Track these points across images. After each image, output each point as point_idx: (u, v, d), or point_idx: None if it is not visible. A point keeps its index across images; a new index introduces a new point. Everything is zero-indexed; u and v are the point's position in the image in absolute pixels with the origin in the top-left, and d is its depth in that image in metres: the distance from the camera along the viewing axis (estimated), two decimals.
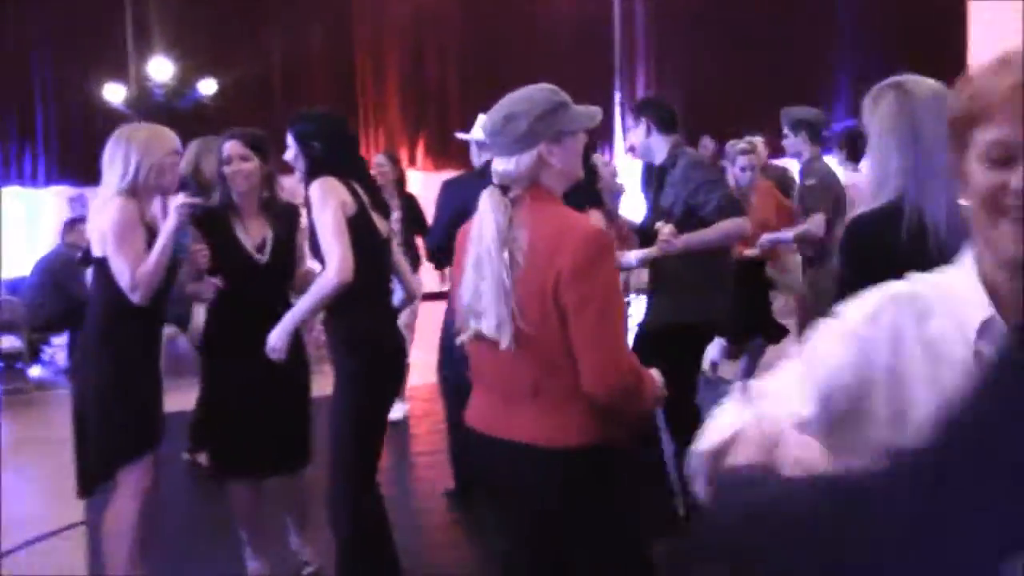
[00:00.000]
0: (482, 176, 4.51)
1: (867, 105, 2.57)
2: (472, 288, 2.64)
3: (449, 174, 6.57)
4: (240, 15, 12.41)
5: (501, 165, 2.63)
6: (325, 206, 3.64)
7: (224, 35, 12.27)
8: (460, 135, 4.91)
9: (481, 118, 4.64)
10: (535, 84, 2.65)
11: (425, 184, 11.85)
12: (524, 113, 2.57)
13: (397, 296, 4.46)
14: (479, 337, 2.65)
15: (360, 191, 3.80)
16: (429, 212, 4.73)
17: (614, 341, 2.52)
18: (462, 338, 2.73)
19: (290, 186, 4.32)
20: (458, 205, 4.40)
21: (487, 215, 2.61)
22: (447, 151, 13.21)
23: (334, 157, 3.79)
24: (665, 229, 4.31)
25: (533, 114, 2.57)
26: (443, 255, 4.58)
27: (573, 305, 2.48)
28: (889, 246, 2.34)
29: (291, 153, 3.83)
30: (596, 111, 2.72)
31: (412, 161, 13.56)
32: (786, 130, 5.89)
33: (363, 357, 3.80)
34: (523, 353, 2.56)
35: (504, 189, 2.63)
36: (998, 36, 11.06)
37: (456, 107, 13.24)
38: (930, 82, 2.55)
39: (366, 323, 3.81)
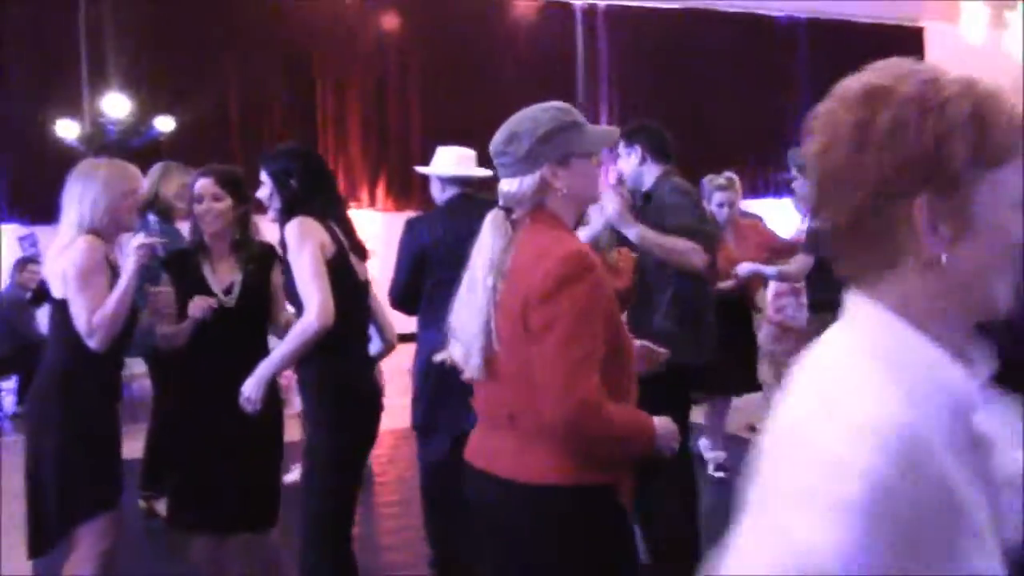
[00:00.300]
0: (450, 213, 4.36)
1: None
2: (458, 312, 2.51)
3: (411, 214, 6.35)
4: (199, 51, 12.23)
5: (505, 186, 2.50)
6: (303, 248, 3.47)
7: (182, 71, 12.08)
8: (420, 169, 4.69)
9: (440, 151, 4.48)
10: (548, 103, 2.52)
11: (386, 224, 11.67)
12: (527, 133, 2.44)
13: (375, 345, 4.27)
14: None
15: (338, 232, 3.63)
16: (392, 252, 4.45)
17: (572, 369, 2.29)
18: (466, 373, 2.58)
19: (261, 226, 4.12)
20: (424, 243, 4.24)
21: (485, 237, 2.48)
22: (409, 191, 13.08)
23: (312, 196, 3.62)
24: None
25: (536, 134, 2.43)
26: (408, 301, 4.40)
27: (536, 329, 2.33)
28: None
29: (265, 191, 3.66)
30: (612, 131, 2.60)
31: (372, 201, 13.40)
32: (794, 172, 5.70)
33: (336, 406, 3.62)
34: (499, 381, 2.44)
35: (509, 211, 2.49)
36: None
37: (418, 146, 13.10)
38: None
39: (341, 371, 3.63)
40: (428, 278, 4.22)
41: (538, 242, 2.42)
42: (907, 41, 13.90)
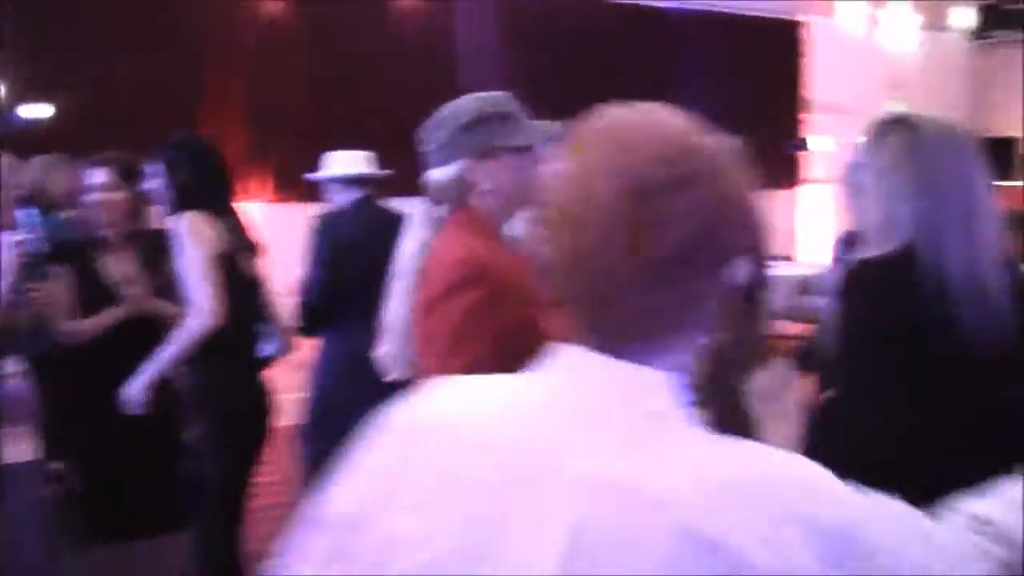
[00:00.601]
0: (360, 214, 4.27)
1: (865, 143, 2.34)
2: (386, 311, 2.45)
3: (294, 206, 6.21)
4: (79, 38, 11.79)
5: (430, 177, 2.36)
6: (191, 245, 3.38)
7: (62, 58, 11.63)
8: (309, 176, 4.60)
9: (336, 155, 4.41)
10: (488, 92, 2.38)
11: (272, 216, 11.43)
12: (449, 121, 2.30)
13: (271, 345, 4.16)
14: None
15: (228, 228, 3.54)
16: (279, 245, 4.31)
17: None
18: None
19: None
20: (340, 242, 4.12)
21: (409, 233, 2.39)
22: (295, 182, 12.82)
23: (203, 189, 3.52)
24: None
25: (457, 123, 2.29)
26: (321, 314, 4.16)
27: (420, 344, 2.23)
28: (902, 297, 2.11)
29: (156, 182, 3.54)
30: (549, 126, 2.37)
31: (257, 193, 13.13)
32: None
33: (221, 411, 3.53)
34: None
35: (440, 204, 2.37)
36: (836, 77, 11.47)
37: (305, 137, 12.85)
38: (937, 118, 2.34)
39: (226, 373, 3.54)
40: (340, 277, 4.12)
41: (442, 243, 2.30)
42: (786, 35, 14.22)
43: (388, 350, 2.48)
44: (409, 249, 2.39)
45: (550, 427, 1.01)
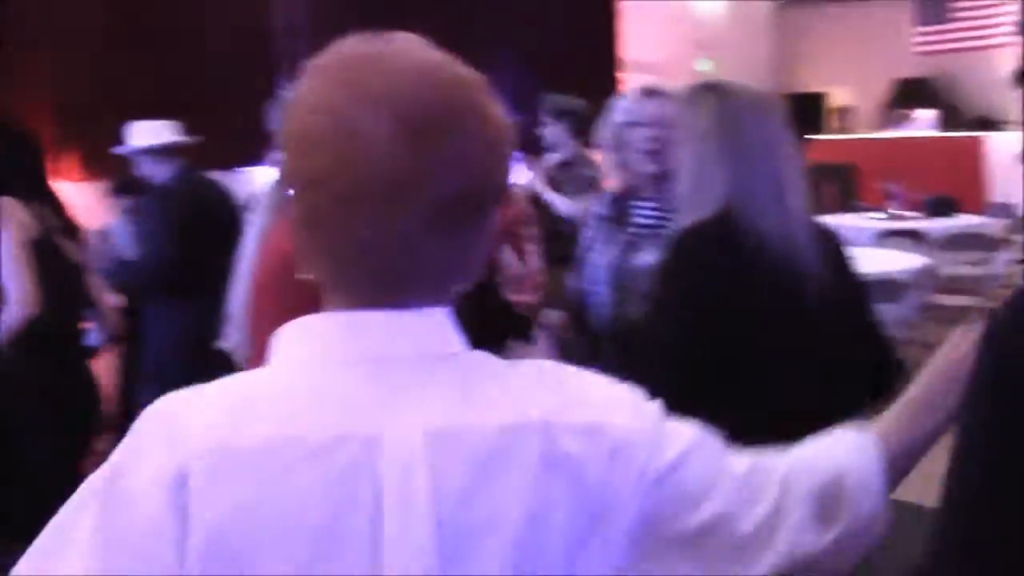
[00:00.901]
0: (193, 186, 4.14)
1: (677, 108, 2.36)
2: (231, 295, 2.37)
3: (108, 183, 5.92)
4: None
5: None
6: (3, 231, 3.19)
7: None
8: (117, 150, 4.42)
9: (137, 126, 4.25)
10: None
11: (82, 194, 10.97)
12: (275, 106, 2.32)
13: (96, 335, 3.97)
14: None
15: (47, 212, 3.36)
16: (91, 223, 4.12)
17: None
18: None
19: None
20: (184, 215, 3.99)
21: (253, 215, 2.33)
22: (104, 159, 12.31)
23: (14, 173, 3.33)
24: None
25: (278, 108, 2.31)
26: (158, 293, 4.06)
27: (251, 330, 2.19)
28: (722, 265, 2.12)
29: None
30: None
31: (66, 172, 12.55)
32: (547, 118, 5.61)
33: (45, 403, 3.36)
34: None
35: None
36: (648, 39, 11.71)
37: (114, 112, 12.32)
38: (748, 85, 2.36)
39: (49, 363, 3.37)
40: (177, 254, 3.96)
41: (277, 229, 2.20)
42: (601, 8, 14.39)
43: (233, 335, 2.40)
44: (249, 234, 2.31)
45: (364, 401, 0.94)
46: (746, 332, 2.07)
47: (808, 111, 13.41)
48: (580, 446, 0.97)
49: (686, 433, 1.05)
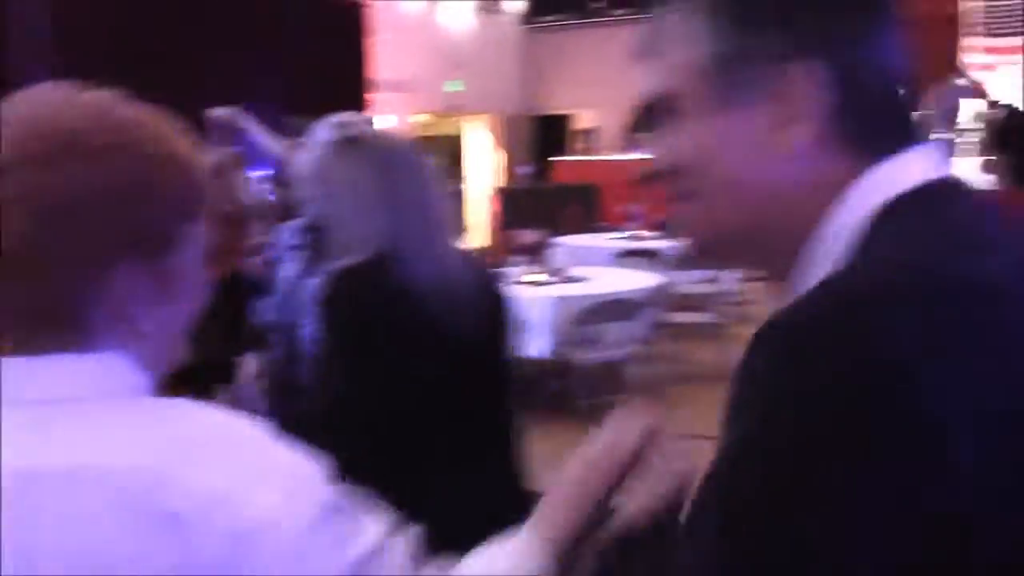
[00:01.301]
0: None
1: (318, 158, 2.35)
2: None
3: None
4: None
5: None
6: None
7: None
8: None
9: None
10: None
11: None
12: None
13: None
14: None
15: None
16: None
17: None
18: None
19: None
20: None
21: None
22: None
23: None
24: None
25: None
26: None
27: None
28: (386, 301, 2.17)
29: None
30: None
31: None
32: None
33: None
34: None
35: None
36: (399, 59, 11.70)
37: None
38: (388, 135, 2.48)
39: None
40: None
41: None
42: (350, 17, 14.27)
43: None
44: None
45: None
46: (399, 368, 2.13)
47: (553, 132, 13.77)
48: (193, 511, 0.87)
49: (368, 533, 0.96)
